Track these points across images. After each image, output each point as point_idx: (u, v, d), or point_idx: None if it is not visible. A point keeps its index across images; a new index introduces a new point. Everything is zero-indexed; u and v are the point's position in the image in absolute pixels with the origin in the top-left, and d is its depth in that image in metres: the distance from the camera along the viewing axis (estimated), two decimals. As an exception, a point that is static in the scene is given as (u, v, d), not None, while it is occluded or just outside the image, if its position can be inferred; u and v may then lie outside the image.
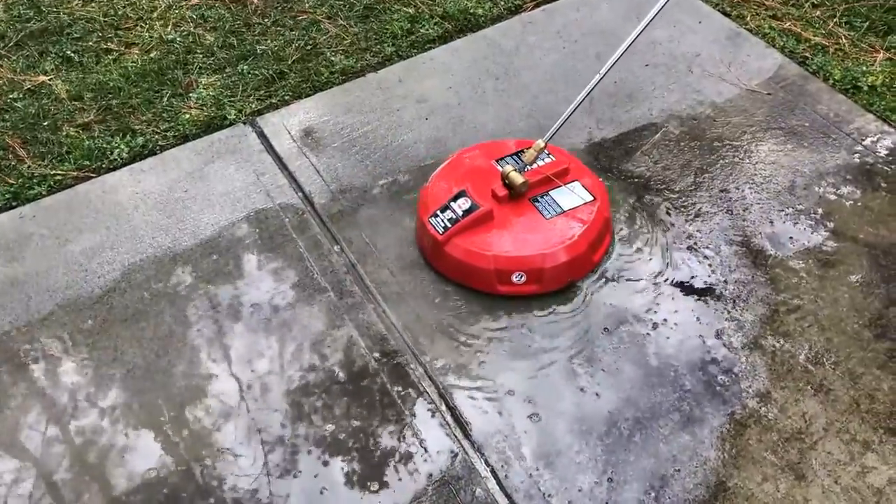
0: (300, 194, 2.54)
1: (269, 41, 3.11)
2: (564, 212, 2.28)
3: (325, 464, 1.92)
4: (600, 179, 2.41)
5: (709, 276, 2.26)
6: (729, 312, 2.17)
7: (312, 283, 2.29)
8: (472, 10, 3.18)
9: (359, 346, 2.14)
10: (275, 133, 2.74)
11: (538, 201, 2.31)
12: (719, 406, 1.99)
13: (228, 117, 2.81)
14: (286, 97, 2.89)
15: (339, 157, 2.65)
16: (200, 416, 2.02)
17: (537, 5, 3.21)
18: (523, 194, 2.30)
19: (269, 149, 2.69)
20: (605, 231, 2.32)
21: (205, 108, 2.84)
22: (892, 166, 2.52)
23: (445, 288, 2.27)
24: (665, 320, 2.16)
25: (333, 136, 2.72)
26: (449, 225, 2.23)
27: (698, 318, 2.17)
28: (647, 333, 2.14)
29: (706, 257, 2.31)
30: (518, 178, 2.27)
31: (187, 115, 2.82)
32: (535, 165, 2.34)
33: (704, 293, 2.22)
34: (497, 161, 2.42)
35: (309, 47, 3.07)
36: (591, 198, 2.31)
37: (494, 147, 2.48)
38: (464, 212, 2.24)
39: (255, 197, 2.54)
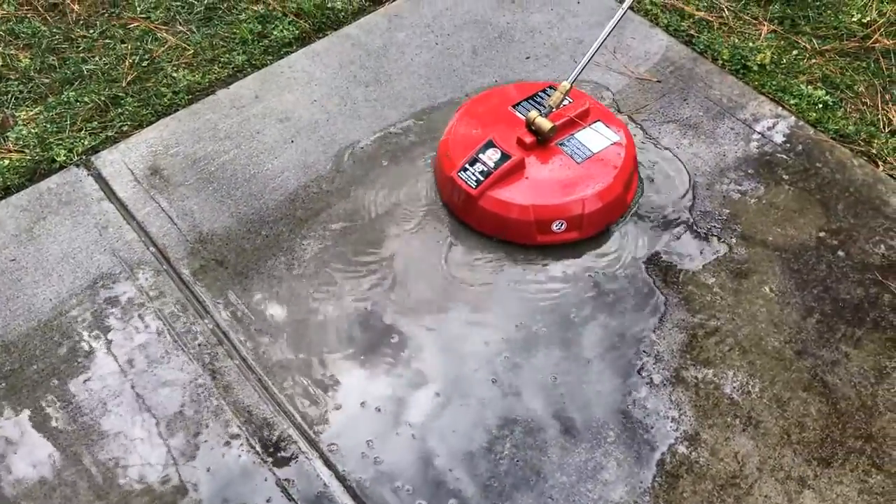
0: (153, 249, 2.19)
1: (97, 58, 2.67)
2: (594, 154, 2.22)
3: None
4: (618, 117, 2.37)
5: (619, 301, 2.08)
6: (646, 342, 2.00)
7: (177, 363, 1.97)
8: (329, 5, 2.83)
9: (239, 439, 1.85)
10: (115, 174, 2.35)
11: (565, 145, 2.24)
12: (649, 456, 1.83)
13: (57, 159, 2.38)
14: (124, 128, 2.48)
15: (195, 198, 2.30)
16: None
17: (402, -6, 2.90)
18: (550, 139, 2.21)
19: (111, 195, 2.30)
20: (634, 170, 2.29)
21: (27, 151, 2.41)
22: (791, 154, 2.39)
23: (330, 355, 1.99)
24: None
25: (185, 171, 2.36)
26: (481, 178, 2.13)
27: (616, 354, 1.99)
28: (554, 375, 1.94)
29: (616, 278, 2.12)
30: (546, 124, 2.17)
31: (6, 161, 2.38)
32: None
33: (618, 320, 2.04)
34: (513, 107, 2.31)
35: (146, 63, 2.65)
36: (618, 137, 2.26)
37: (505, 93, 2.38)
38: (495, 163, 2.15)
39: (98, 258, 2.17)
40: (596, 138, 2.25)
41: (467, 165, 2.17)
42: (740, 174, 2.35)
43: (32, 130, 2.46)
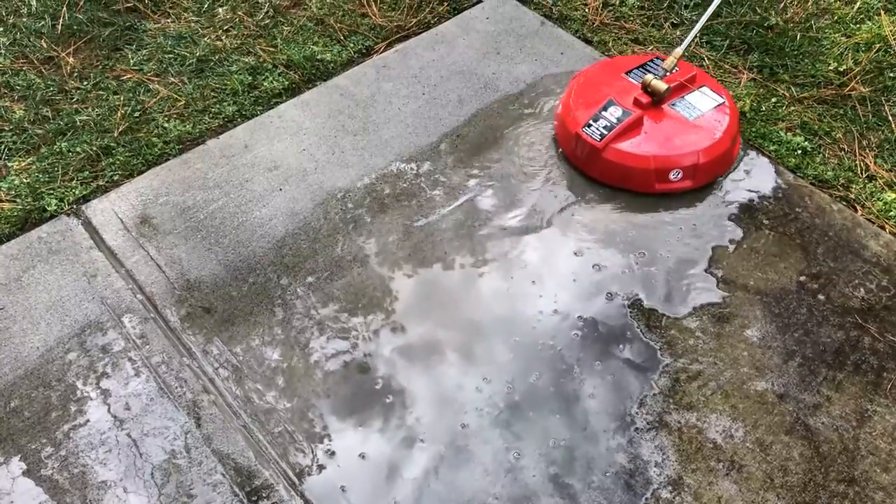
0: (140, 297, 2.21)
1: (90, 109, 2.72)
2: (703, 113, 2.46)
3: None
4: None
5: (607, 348, 2.10)
6: (631, 388, 2.02)
7: (163, 410, 1.98)
8: (319, 57, 2.89)
9: (223, 486, 1.85)
10: (105, 223, 2.38)
11: (676, 105, 2.49)
12: (633, 501, 1.83)
13: (48, 209, 2.42)
14: (115, 177, 2.52)
15: (183, 246, 2.33)
16: None
17: (389, 45, 2.97)
18: (664, 100, 2.47)
19: (100, 243, 2.33)
20: (738, 128, 2.53)
21: (19, 200, 2.44)
22: (771, 199, 2.43)
23: (320, 405, 2.01)
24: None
25: (174, 219, 2.39)
26: (605, 132, 2.39)
27: (602, 400, 2.00)
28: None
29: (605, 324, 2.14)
30: (661, 85, 2.42)
31: (-3, 211, 2.41)
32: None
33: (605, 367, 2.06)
34: (626, 74, 2.57)
35: (137, 113, 2.71)
36: (722, 99, 2.51)
37: (617, 63, 2.65)
38: (617, 119, 2.40)
39: (87, 307, 2.18)
40: (704, 100, 2.50)
41: (591, 122, 2.42)
42: (721, 219, 2.38)
43: (24, 180, 2.49)
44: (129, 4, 3.10)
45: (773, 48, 2.93)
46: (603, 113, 2.43)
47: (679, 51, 2.45)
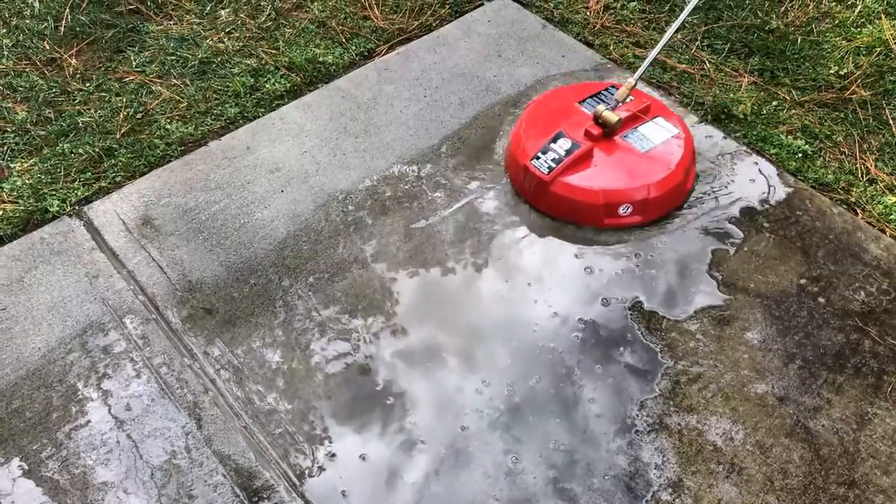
0: (142, 298, 2.21)
1: (92, 111, 2.73)
2: (656, 145, 2.40)
3: None
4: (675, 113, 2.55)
5: (605, 351, 2.10)
6: (631, 391, 2.02)
7: (164, 411, 1.98)
8: (321, 59, 2.90)
9: (224, 487, 1.86)
10: (107, 224, 2.38)
11: (629, 137, 2.42)
12: (632, 504, 1.84)
13: (50, 210, 2.42)
14: (117, 178, 2.53)
15: (185, 247, 2.33)
16: None
17: (391, 48, 2.97)
18: (616, 131, 2.40)
19: (102, 244, 2.34)
20: (693, 161, 2.46)
21: (21, 201, 2.45)
22: (772, 203, 2.44)
23: (319, 406, 2.01)
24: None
25: (176, 221, 2.40)
26: (553, 165, 2.32)
27: (601, 403, 2.00)
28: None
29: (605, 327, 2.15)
30: (613, 116, 2.35)
31: (0, 212, 2.42)
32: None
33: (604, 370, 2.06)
34: (579, 103, 2.50)
35: (140, 115, 2.71)
36: (677, 130, 2.45)
37: (570, 91, 2.58)
38: (566, 151, 2.33)
39: (88, 307, 2.19)
40: (657, 131, 2.44)
41: (539, 154, 2.35)
42: (721, 222, 2.38)
43: (27, 181, 2.50)
44: (131, 6, 3.11)
45: (774, 52, 2.94)
46: (552, 145, 2.36)
47: (632, 81, 2.39)
